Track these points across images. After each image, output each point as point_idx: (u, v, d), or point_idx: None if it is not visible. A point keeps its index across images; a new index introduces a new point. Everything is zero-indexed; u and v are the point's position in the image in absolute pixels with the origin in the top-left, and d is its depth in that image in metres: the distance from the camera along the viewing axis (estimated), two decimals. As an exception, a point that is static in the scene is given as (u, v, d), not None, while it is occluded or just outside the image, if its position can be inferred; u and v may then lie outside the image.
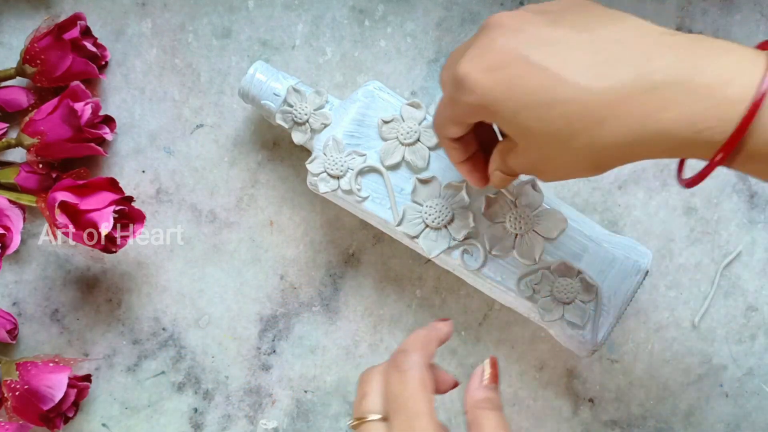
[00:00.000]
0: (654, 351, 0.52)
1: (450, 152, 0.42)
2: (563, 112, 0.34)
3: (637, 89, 0.32)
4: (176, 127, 0.53)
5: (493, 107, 0.35)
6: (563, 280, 0.46)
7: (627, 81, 0.32)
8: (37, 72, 0.50)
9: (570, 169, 0.36)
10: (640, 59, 0.33)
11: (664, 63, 0.32)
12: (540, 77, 0.34)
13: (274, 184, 0.53)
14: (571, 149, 0.34)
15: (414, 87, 0.53)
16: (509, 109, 0.35)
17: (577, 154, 0.35)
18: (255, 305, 0.52)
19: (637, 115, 0.32)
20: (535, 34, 0.35)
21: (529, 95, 0.34)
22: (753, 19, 0.52)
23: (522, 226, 0.46)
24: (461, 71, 0.36)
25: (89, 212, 0.46)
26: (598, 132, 0.33)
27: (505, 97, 0.35)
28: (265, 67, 0.48)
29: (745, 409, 0.52)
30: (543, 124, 0.34)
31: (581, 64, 0.33)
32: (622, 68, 0.33)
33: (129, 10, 0.53)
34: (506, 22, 0.36)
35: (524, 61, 0.34)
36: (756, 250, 0.52)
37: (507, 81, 0.35)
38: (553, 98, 0.34)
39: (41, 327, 0.52)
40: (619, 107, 0.33)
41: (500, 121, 0.36)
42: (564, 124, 0.34)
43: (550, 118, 0.34)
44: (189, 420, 0.52)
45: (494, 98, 0.35)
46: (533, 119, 0.34)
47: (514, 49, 0.35)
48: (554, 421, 0.52)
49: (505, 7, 0.52)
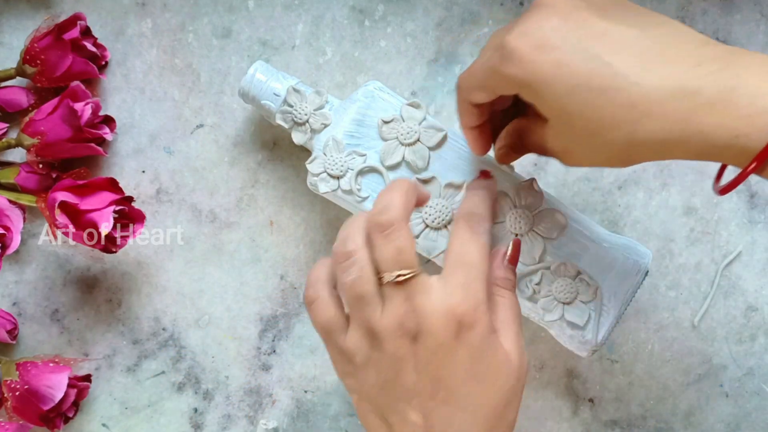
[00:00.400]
0: (654, 351, 0.52)
1: (465, 115, 0.43)
2: (610, 101, 0.34)
3: (684, 91, 0.33)
4: (176, 127, 0.53)
5: (536, 85, 0.36)
6: (563, 280, 0.46)
7: (675, 81, 0.33)
8: (37, 72, 0.50)
9: (600, 157, 0.37)
10: (688, 62, 0.34)
11: (710, 69, 0.33)
12: (591, 64, 0.35)
13: (274, 184, 0.53)
14: (608, 138, 0.35)
15: (414, 87, 0.53)
16: (554, 90, 0.35)
17: (613, 144, 0.35)
18: (255, 305, 0.52)
19: (681, 114, 0.33)
20: (587, 22, 0.36)
21: (578, 79, 0.35)
22: (753, 19, 0.52)
23: (522, 226, 0.46)
24: (511, 44, 0.36)
25: (89, 212, 0.46)
26: (640, 126, 0.34)
27: (552, 78, 0.35)
28: (265, 67, 0.48)
29: (745, 409, 0.52)
30: (587, 109, 0.35)
31: (631, 58, 0.34)
32: (670, 68, 0.34)
33: (129, 10, 0.53)
34: (558, 5, 0.36)
35: (576, 46, 0.35)
36: (756, 250, 0.52)
37: (556, 62, 0.35)
38: (601, 85, 0.34)
39: (41, 327, 0.52)
40: (664, 105, 0.33)
41: (540, 100, 0.36)
42: (608, 113, 0.35)
43: (596, 105, 0.35)
44: (189, 420, 0.52)
45: (541, 77, 0.36)
46: (578, 103, 0.35)
47: (566, 33, 0.35)
48: (554, 421, 0.52)
49: (505, 7, 0.53)
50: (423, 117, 0.47)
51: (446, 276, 0.37)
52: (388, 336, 0.36)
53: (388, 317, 0.36)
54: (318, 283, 0.39)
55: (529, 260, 0.46)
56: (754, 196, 0.52)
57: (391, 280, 0.36)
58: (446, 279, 0.37)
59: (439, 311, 0.36)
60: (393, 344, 0.36)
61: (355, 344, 0.38)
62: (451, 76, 0.53)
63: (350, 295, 0.37)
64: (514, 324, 0.39)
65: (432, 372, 0.36)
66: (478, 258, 0.38)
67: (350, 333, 0.38)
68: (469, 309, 0.36)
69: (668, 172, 0.52)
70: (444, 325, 0.36)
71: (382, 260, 0.37)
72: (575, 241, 0.46)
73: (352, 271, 0.37)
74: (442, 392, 0.37)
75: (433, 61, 0.53)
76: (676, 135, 0.34)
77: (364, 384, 0.38)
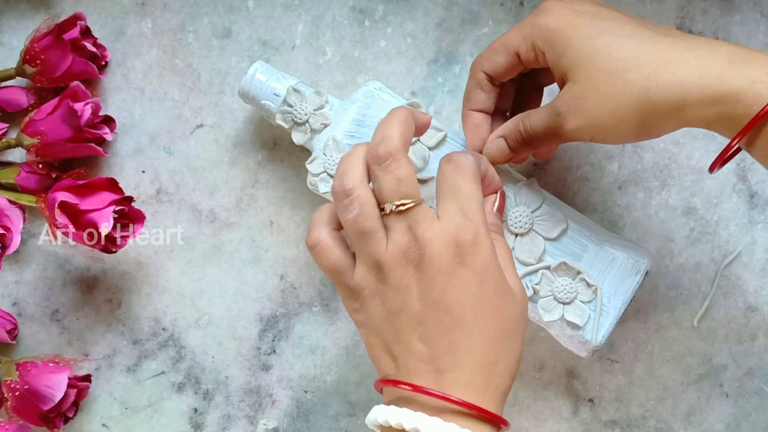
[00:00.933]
0: (654, 351, 0.52)
1: (471, 93, 0.44)
2: (636, 45, 0.38)
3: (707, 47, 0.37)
4: (176, 127, 0.53)
5: (567, 31, 0.39)
6: (563, 280, 0.46)
7: (697, 42, 0.38)
8: (37, 72, 0.50)
9: (615, 104, 0.38)
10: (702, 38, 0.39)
11: (726, 44, 0.38)
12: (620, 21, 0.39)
13: (274, 184, 0.53)
14: (629, 79, 0.38)
15: (414, 87, 0.53)
16: (584, 33, 0.39)
17: (633, 87, 0.38)
18: (255, 305, 0.52)
19: (703, 62, 0.37)
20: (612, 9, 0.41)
21: (607, 27, 0.39)
22: (753, 19, 0.52)
23: (522, 226, 0.46)
24: (546, 3, 0.41)
25: (89, 212, 0.46)
26: (662, 68, 0.37)
27: (583, 24, 0.40)
28: (265, 67, 0.48)
29: (745, 409, 0.52)
30: (613, 49, 0.38)
31: (654, 28, 0.39)
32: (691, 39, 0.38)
33: (129, 10, 0.53)
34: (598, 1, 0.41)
35: (607, 12, 0.40)
36: (756, 250, 0.52)
37: (586, 15, 0.39)
38: (629, 32, 0.38)
39: (41, 327, 0.52)
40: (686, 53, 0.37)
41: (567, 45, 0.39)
42: (633, 54, 0.38)
43: (622, 47, 0.38)
44: (189, 420, 0.52)
45: (573, 23, 0.39)
46: (605, 44, 0.38)
47: (599, 5, 0.41)
48: (554, 421, 0.52)
49: (505, 7, 0.53)
50: (423, 117, 0.47)
51: (441, 205, 0.38)
52: (393, 266, 0.37)
53: (392, 248, 0.37)
54: (319, 225, 0.39)
55: (529, 260, 0.46)
56: (754, 196, 0.52)
57: (392, 210, 0.37)
58: (442, 207, 0.38)
59: (440, 237, 0.36)
60: (397, 274, 0.37)
61: (363, 279, 0.38)
62: (451, 76, 0.53)
63: (354, 231, 0.38)
64: (510, 263, 0.40)
65: (436, 299, 0.36)
66: (469, 186, 0.38)
67: (357, 269, 0.38)
68: (470, 233, 0.37)
69: (668, 172, 0.52)
70: (446, 250, 0.36)
71: (383, 191, 0.37)
72: (575, 241, 0.46)
73: (353, 209, 0.37)
74: (446, 319, 0.36)
75: (433, 61, 0.53)
76: (696, 79, 0.36)
77: (372, 317, 0.38)
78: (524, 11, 0.52)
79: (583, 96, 0.39)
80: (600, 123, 0.39)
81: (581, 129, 0.40)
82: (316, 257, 0.39)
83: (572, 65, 0.39)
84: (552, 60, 0.40)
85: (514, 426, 0.52)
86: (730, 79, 0.36)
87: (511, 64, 0.43)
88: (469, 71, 0.45)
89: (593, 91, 0.38)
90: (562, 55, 0.39)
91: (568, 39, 0.39)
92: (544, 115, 0.41)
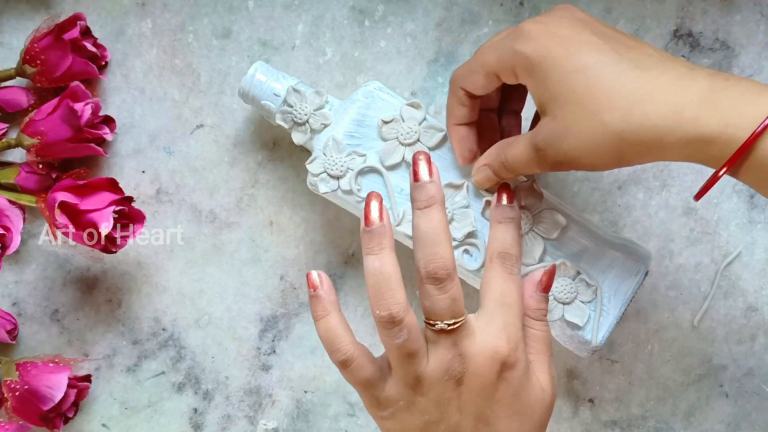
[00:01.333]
0: (654, 351, 0.52)
1: (454, 109, 0.44)
2: (614, 83, 0.37)
3: (682, 84, 0.36)
4: (176, 127, 0.53)
5: (546, 63, 0.38)
6: (563, 280, 0.46)
7: (674, 77, 0.37)
8: (37, 72, 0.50)
9: (591, 143, 0.38)
10: (685, 66, 0.38)
11: (704, 73, 0.37)
12: (598, 53, 0.38)
13: (274, 184, 0.53)
14: (605, 119, 0.37)
15: (414, 87, 0.53)
16: (563, 68, 0.38)
17: (608, 126, 0.37)
18: (255, 305, 0.52)
19: (678, 103, 0.36)
20: (597, 28, 0.39)
21: (587, 62, 0.38)
22: (753, 19, 0.52)
23: (522, 226, 0.46)
24: (527, 27, 0.39)
25: (89, 212, 0.46)
26: (637, 109, 0.36)
27: (563, 57, 0.38)
28: (265, 68, 0.48)
29: (745, 409, 0.52)
30: (591, 88, 0.37)
31: (636, 56, 0.38)
32: (670, 68, 0.37)
33: (129, 10, 0.53)
34: (575, 10, 0.40)
35: (588, 38, 0.38)
36: (756, 250, 0.52)
37: (566, 43, 0.38)
38: (608, 70, 0.37)
39: (41, 327, 0.52)
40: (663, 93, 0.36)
41: (545, 77, 0.38)
42: (610, 93, 0.37)
43: (600, 85, 0.37)
44: (189, 420, 0.52)
45: (552, 55, 0.38)
46: (582, 83, 0.37)
47: (580, 28, 0.39)
48: (554, 421, 0.52)
49: (505, 8, 0.53)
50: (423, 117, 0.47)
51: (487, 317, 0.40)
52: (435, 382, 0.38)
53: (435, 364, 0.38)
54: (341, 341, 0.40)
55: (529, 260, 0.46)
56: (754, 196, 0.52)
57: (443, 328, 0.38)
58: (488, 320, 0.39)
59: (483, 354, 0.38)
60: (439, 389, 0.38)
61: (399, 393, 0.39)
62: (451, 76, 0.53)
63: (398, 354, 0.38)
64: (546, 354, 0.42)
65: (475, 411, 0.38)
66: (517, 298, 0.40)
67: (392, 383, 0.39)
68: (511, 350, 0.39)
69: (668, 172, 0.52)
70: (489, 366, 0.38)
71: (436, 309, 0.38)
72: (575, 241, 0.46)
73: (401, 335, 0.38)
74: (483, 429, 0.39)
75: (433, 61, 0.53)
76: (671, 121, 0.36)
77: (406, 425, 0.39)
78: (524, 11, 0.52)
79: (560, 133, 0.39)
80: (577, 159, 0.39)
81: (560, 164, 0.40)
82: (348, 374, 0.40)
83: (550, 100, 0.39)
84: (531, 89, 0.40)
85: (514, 426, 0.52)
86: (704, 121, 0.35)
87: (491, 84, 0.42)
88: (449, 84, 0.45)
89: (570, 128, 0.38)
90: (540, 87, 0.39)
91: (546, 72, 0.38)
92: (523, 149, 0.41)
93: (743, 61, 0.52)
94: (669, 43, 0.52)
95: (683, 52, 0.52)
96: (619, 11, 0.52)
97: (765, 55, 0.52)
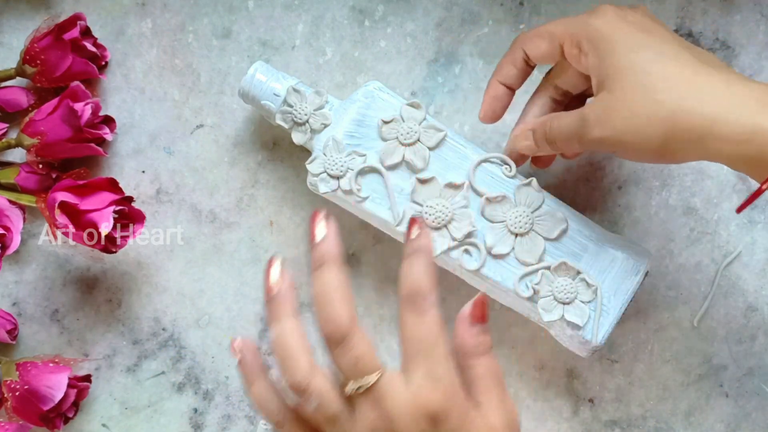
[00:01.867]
0: (654, 351, 0.52)
1: (504, 66, 0.45)
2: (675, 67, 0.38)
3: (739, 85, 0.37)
4: (176, 127, 0.53)
5: (611, 37, 0.40)
6: (563, 280, 0.46)
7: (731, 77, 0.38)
8: (37, 72, 0.50)
9: (641, 121, 0.38)
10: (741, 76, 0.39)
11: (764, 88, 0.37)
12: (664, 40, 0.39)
13: (274, 184, 0.53)
14: (660, 98, 0.38)
15: (414, 87, 0.53)
16: (628, 44, 0.39)
17: (662, 105, 0.37)
18: (255, 305, 0.52)
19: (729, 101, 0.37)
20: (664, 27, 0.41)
21: (651, 42, 0.39)
22: (753, 19, 0.52)
23: (522, 226, 0.46)
24: (603, 6, 0.41)
25: (89, 212, 0.46)
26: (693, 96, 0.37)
27: (630, 35, 0.39)
28: (265, 68, 0.48)
29: (745, 409, 0.52)
30: (653, 66, 0.38)
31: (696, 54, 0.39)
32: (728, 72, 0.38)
33: (129, 10, 0.53)
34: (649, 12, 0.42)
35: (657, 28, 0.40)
36: (756, 250, 0.52)
37: (636, 26, 0.40)
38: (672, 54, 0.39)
39: (41, 327, 0.52)
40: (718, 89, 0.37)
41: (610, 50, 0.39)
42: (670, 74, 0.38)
43: (662, 66, 0.38)
44: (189, 420, 0.52)
45: (620, 31, 0.40)
46: (646, 60, 0.38)
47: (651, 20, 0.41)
48: (554, 421, 0.52)
49: (505, 7, 0.53)
50: (423, 117, 0.47)
51: (407, 368, 0.35)
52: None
53: (360, 428, 0.35)
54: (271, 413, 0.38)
55: (529, 260, 0.46)
56: (754, 196, 0.52)
57: (356, 389, 0.35)
58: (409, 373, 0.35)
59: (408, 411, 0.34)
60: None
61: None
62: (451, 76, 0.53)
63: (320, 419, 0.36)
64: (496, 391, 0.37)
65: None
66: (436, 340, 0.35)
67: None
68: (439, 399, 0.34)
69: (668, 172, 0.52)
70: (417, 423, 0.34)
71: (343, 371, 0.35)
72: (575, 241, 0.46)
73: (311, 401, 0.35)
74: None
75: (433, 61, 0.53)
76: (725, 113, 0.36)
77: None
78: (524, 11, 0.52)
79: (612, 108, 0.39)
80: (623, 138, 0.39)
81: (604, 140, 0.40)
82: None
83: (609, 74, 0.39)
84: (593, 64, 0.40)
85: (514, 426, 0.52)
86: (761, 119, 0.36)
87: (552, 54, 0.43)
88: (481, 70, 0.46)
89: (623, 104, 0.38)
90: (602, 61, 0.40)
91: (612, 46, 0.39)
92: (571, 120, 0.41)
93: (743, 61, 0.52)
94: (669, 43, 0.52)
95: (683, 52, 0.52)
96: (619, 11, 0.52)
97: (765, 55, 0.52)
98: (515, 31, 0.53)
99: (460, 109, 0.52)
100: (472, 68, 0.53)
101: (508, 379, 0.52)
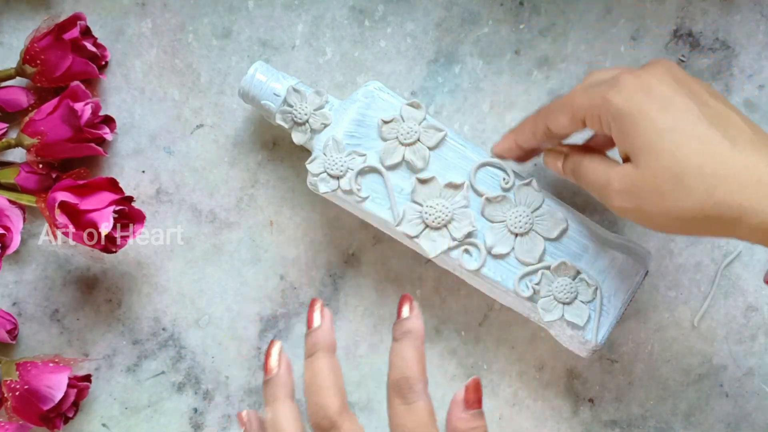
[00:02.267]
0: (654, 351, 0.52)
1: (524, 133, 0.45)
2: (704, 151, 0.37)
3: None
4: (176, 127, 0.53)
5: (637, 118, 0.38)
6: (563, 280, 0.46)
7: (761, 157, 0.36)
8: (37, 72, 0.50)
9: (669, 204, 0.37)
10: None
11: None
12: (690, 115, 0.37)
13: (274, 184, 0.53)
14: (688, 184, 0.37)
15: (414, 87, 0.53)
16: (654, 126, 0.37)
17: (690, 192, 0.37)
18: (255, 305, 0.52)
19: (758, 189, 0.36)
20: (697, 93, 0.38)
21: (676, 121, 0.37)
22: (753, 20, 0.52)
23: (522, 226, 0.46)
24: (623, 77, 0.39)
25: (89, 212, 0.46)
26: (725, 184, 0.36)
27: (655, 115, 0.38)
28: (265, 68, 0.49)
29: (745, 409, 0.52)
30: (680, 151, 0.37)
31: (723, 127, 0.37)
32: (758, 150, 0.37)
33: (129, 10, 0.53)
34: (674, 68, 0.40)
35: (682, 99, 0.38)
36: (756, 250, 0.52)
37: (659, 101, 0.38)
38: (696, 135, 0.37)
39: (41, 327, 0.52)
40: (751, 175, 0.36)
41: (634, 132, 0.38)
42: (699, 161, 0.37)
43: (690, 151, 0.37)
44: (189, 420, 0.52)
45: (645, 111, 0.38)
46: (673, 143, 0.37)
47: (676, 87, 0.38)
48: (554, 421, 0.52)
49: (505, 7, 0.53)
50: (423, 117, 0.47)
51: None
52: None
53: None
54: None
55: (529, 260, 0.46)
56: (754, 196, 0.52)
57: None
58: None
59: None
60: None
61: None
62: (451, 76, 0.53)
63: None
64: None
65: None
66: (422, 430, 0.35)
67: None
68: None
69: (668, 172, 0.52)
70: None
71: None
72: (575, 241, 0.46)
73: None
74: None
75: (433, 61, 0.53)
76: (755, 203, 0.35)
77: None
78: (524, 11, 0.52)
79: (640, 185, 0.38)
80: (648, 216, 0.39)
81: (626, 211, 0.40)
82: None
83: (636, 151, 0.38)
84: (617, 137, 0.40)
85: (515, 426, 0.52)
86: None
87: (573, 126, 0.42)
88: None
89: (651, 184, 0.38)
90: (627, 137, 0.39)
91: (636, 125, 0.38)
92: (598, 173, 0.41)
93: (743, 61, 0.52)
94: (669, 43, 0.52)
95: (683, 52, 0.52)
96: (619, 11, 0.52)
97: (765, 55, 0.52)
98: (515, 31, 0.53)
99: (460, 109, 0.52)
100: (472, 68, 0.53)
101: (508, 378, 0.52)
